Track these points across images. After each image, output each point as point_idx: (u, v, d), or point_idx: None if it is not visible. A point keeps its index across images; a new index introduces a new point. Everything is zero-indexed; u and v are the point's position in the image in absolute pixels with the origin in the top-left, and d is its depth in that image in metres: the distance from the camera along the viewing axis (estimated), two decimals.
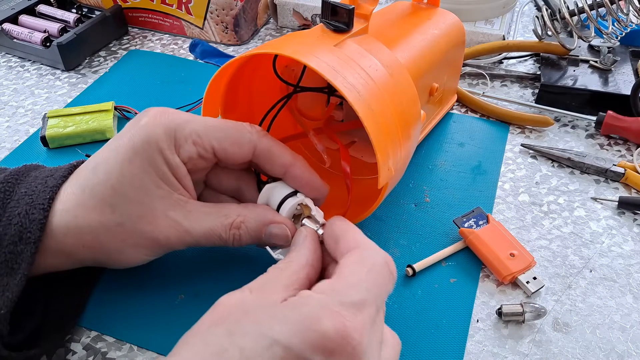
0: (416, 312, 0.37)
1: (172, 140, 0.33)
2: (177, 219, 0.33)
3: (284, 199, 0.35)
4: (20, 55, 0.64)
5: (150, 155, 0.32)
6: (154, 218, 0.33)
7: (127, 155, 0.32)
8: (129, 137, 0.33)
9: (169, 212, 0.33)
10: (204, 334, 0.26)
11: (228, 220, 0.34)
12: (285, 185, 0.36)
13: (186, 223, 0.33)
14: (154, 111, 0.34)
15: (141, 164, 0.32)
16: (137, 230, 0.33)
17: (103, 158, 0.33)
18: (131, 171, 0.32)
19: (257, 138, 0.35)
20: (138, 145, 0.32)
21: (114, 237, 0.33)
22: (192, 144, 0.33)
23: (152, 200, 0.33)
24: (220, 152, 0.34)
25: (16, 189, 0.33)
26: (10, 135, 0.53)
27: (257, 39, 0.69)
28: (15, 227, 0.31)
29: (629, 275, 0.40)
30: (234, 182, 0.38)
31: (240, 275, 0.39)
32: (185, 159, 0.33)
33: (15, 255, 0.31)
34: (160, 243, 0.33)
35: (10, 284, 0.30)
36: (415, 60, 0.42)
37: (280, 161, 0.35)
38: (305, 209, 0.35)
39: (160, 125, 0.33)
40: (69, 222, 0.32)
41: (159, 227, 0.33)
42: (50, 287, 0.36)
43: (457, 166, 0.49)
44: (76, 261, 0.34)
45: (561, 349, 0.35)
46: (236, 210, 0.35)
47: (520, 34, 0.68)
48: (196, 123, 0.34)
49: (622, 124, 0.50)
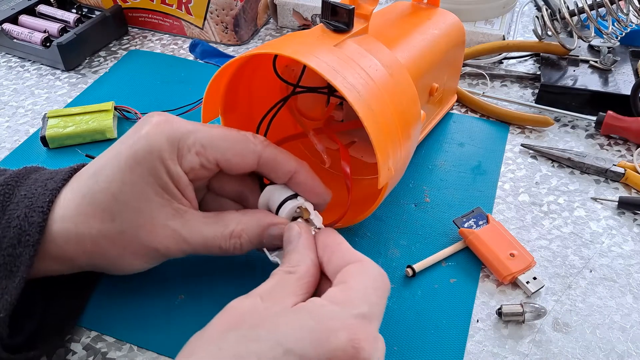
0: (416, 312, 0.37)
1: (174, 150, 0.33)
2: (176, 229, 0.33)
3: (284, 201, 0.35)
4: (20, 55, 0.64)
5: (151, 165, 0.32)
6: (153, 227, 0.33)
7: (128, 163, 0.32)
8: (131, 145, 0.32)
9: (168, 222, 0.33)
10: (218, 339, 0.26)
11: (228, 230, 0.34)
12: (286, 188, 0.36)
13: (185, 232, 0.33)
14: (157, 119, 0.34)
15: (142, 173, 0.32)
16: (136, 238, 0.33)
17: (104, 164, 0.33)
18: (132, 180, 0.32)
19: (262, 148, 0.34)
20: (140, 154, 0.32)
21: (114, 244, 0.33)
22: (195, 154, 0.33)
23: (152, 209, 0.32)
24: (224, 163, 0.34)
25: (16, 191, 0.33)
26: (10, 135, 0.53)
27: (257, 39, 0.69)
28: (15, 229, 0.31)
29: (629, 275, 0.40)
30: (236, 186, 0.37)
31: (240, 275, 0.39)
32: (187, 169, 0.33)
33: (14, 258, 0.31)
34: (159, 252, 0.33)
35: (9, 287, 0.30)
36: (415, 60, 0.42)
37: (285, 169, 0.35)
38: (304, 212, 0.35)
39: (163, 134, 0.33)
40: (70, 230, 0.32)
41: (158, 237, 0.33)
42: (50, 289, 0.36)
43: (457, 166, 0.49)
44: (76, 267, 0.34)
45: (561, 349, 0.35)
46: (235, 219, 0.34)
47: (520, 34, 0.68)
48: (200, 133, 0.34)
49: (622, 124, 0.50)
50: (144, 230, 0.33)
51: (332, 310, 0.27)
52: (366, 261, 0.30)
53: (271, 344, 0.25)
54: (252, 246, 0.35)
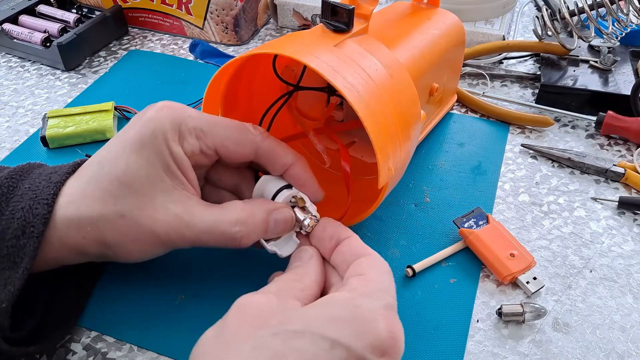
0: (416, 312, 0.37)
1: (176, 132, 0.33)
2: (177, 213, 0.33)
3: (279, 190, 0.36)
4: (20, 56, 0.64)
5: (157, 147, 0.33)
6: (154, 210, 0.32)
7: (134, 147, 0.33)
8: (136, 130, 0.33)
9: (169, 206, 0.33)
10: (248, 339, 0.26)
11: (231, 216, 0.34)
12: (279, 179, 0.36)
13: (187, 217, 0.33)
14: (159, 104, 0.34)
15: (148, 156, 0.32)
16: (137, 223, 0.32)
17: (109, 152, 0.34)
18: (137, 162, 0.32)
19: (260, 139, 0.35)
20: (146, 137, 0.33)
21: (114, 229, 0.33)
22: (196, 138, 0.34)
23: (154, 192, 0.33)
24: (223, 150, 0.35)
25: (20, 184, 0.33)
26: (10, 135, 0.53)
27: (257, 39, 0.69)
28: (19, 221, 0.31)
29: (629, 275, 0.40)
30: (234, 178, 0.38)
31: (240, 275, 0.39)
32: (188, 152, 0.34)
33: (17, 249, 0.31)
34: (160, 238, 0.33)
35: (12, 278, 0.31)
36: (415, 60, 0.42)
37: (282, 161, 0.36)
38: (299, 201, 0.36)
39: (166, 117, 0.33)
40: (72, 214, 0.32)
41: (158, 221, 0.33)
42: (52, 285, 0.36)
43: (457, 166, 0.49)
44: (78, 254, 0.34)
45: (561, 349, 0.35)
46: (239, 205, 0.35)
47: (520, 34, 0.68)
48: (201, 119, 0.34)
49: (622, 124, 0.50)
50: (144, 214, 0.32)
51: (364, 302, 0.27)
52: (375, 255, 0.32)
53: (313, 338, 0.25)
54: (255, 235, 0.34)
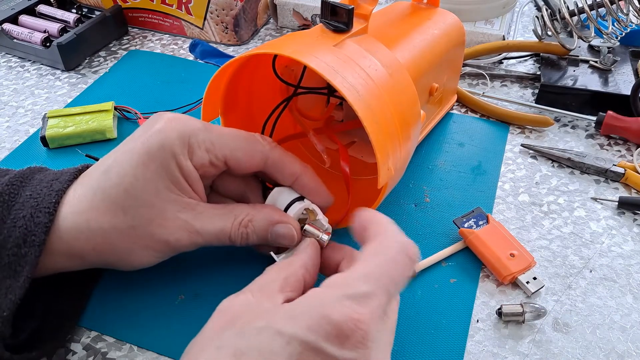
0: (416, 312, 0.37)
1: (185, 146, 0.33)
2: (187, 220, 0.34)
3: (291, 202, 0.36)
4: (20, 56, 0.64)
5: (164, 160, 0.33)
6: (165, 220, 0.33)
7: (141, 159, 0.33)
8: (144, 141, 0.33)
9: (179, 214, 0.33)
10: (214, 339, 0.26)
11: (237, 220, 0.35)
12: (292, 191, 0.37)
13: (197, 224, 0.34)
14: (168, 116, 0.34)
15: (155, 169, 0.33)
16: (148, 232, 0.33)
17: (116, 161, 0.33)
18: (145, 175, 0.32)
19: (269, 150, 0.36)
20: (153, 150, 0.33)
21: (125, 239, 0.33)
22: (205, 151, 0.34)
23: (163, 203, 0.33)
24: (232, 161, 0.35)
25: (21, 191, 0.33)
26: (10, 135, 0.53)
27: (257, 39, 0.69)
28: (20, 229, 0.31)
29: (629, 275, 0.40)
30: (240, 187, 0.38)
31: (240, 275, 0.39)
32: (197, 165, 0.34)
33: (19, 257, 0.31)
34: (170, 245, 0.34)
35: (14, 287, 0.31)
36: (415, 60, 0.42)
37: (290, 171, 0.36)
38: (311, 214, 0.36)
39: (174, 131, 0.33)
40: (81, 225, 0.32)
41: (169, 229, 0.33)
42: (51, 288, 0.36)
43: (457, 166, 0.49)
44: (84, 263, 0.34)
45: (561, 349, 0.35)
46: (245, 210, 0.35)
47: (520, 34, 0.68)
48: (210, 131, 0.35)
49: (622, 124, 0.50)
50: (155, 223, 0.33)
51: (327, 293, 0.27)
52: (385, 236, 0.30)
53: (271, 335, 0.25)
54: (257, 239, 0.35)
